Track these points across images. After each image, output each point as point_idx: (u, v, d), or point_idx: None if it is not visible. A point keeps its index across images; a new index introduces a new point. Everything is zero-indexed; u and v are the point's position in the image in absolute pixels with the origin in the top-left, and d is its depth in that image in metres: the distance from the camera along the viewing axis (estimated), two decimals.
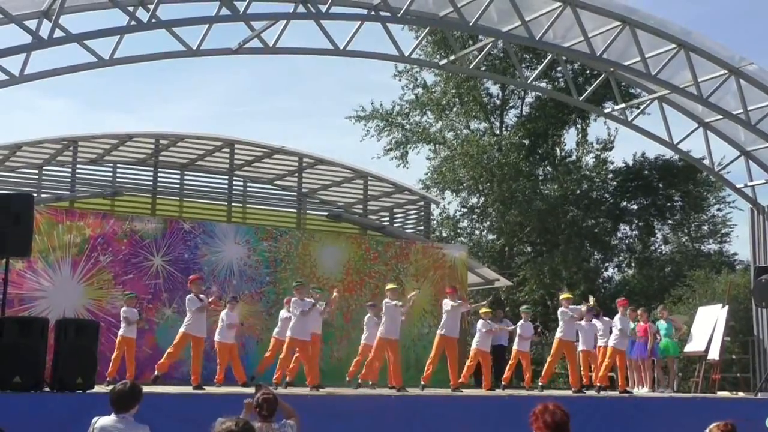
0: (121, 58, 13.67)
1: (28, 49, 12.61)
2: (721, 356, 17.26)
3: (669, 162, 33.11)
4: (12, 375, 9.92)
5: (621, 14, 15.48)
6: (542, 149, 33.91)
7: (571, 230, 32.08)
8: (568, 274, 31.52)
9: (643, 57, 15.87)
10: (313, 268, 18.68)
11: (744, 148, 18.31)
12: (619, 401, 14.35)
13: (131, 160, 20.38)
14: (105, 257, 16.74)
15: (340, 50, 15.12)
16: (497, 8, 15.20)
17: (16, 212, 11.00)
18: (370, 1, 15.00)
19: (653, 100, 18.18)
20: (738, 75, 16.30)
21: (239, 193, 21.18)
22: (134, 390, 6.27)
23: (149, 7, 13.28)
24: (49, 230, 16.25)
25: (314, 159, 21.24)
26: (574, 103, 21.74)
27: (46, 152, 19.36)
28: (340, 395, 12.85)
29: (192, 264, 17.50)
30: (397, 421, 11.82)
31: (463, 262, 20.82)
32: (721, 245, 34.73)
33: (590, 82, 26.47)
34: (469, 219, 34.35)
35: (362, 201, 22.35)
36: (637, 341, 16.98)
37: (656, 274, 33.07)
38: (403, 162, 34.47)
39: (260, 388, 7.18)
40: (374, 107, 34.17)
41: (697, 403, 14.88)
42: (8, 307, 12.52)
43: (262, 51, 14.88)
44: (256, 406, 6.77)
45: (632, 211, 34.81)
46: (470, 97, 33.52)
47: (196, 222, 18.36)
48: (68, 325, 10.91)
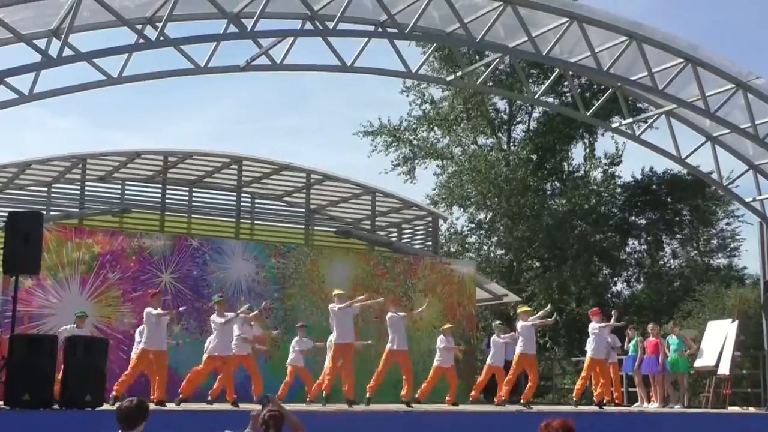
0: (129, 76, 13.72)
1: (37, 68, 12.67)
2: (732, 371, 17.17)
3: (677, 176, 33.03)
4: (21, 392, 9.93)
5: (628, 29, 15.49)
6: (550, 164, 33.89)
7: (580, 245, 32.00)
8: (576, 288, 31.45)
9: (650, 71, 15.86)
10: (322, 284, 18.68)
11: (752, 162, 18.26)
12: (629, 417, 14.28)
13: (140, 178, 20.46)
14: (114, 274, 16.78)
15: (348, 67, 15.16)
16: (504, 24, 15.23)
17: (25, 230, 11.05)
18: (376, 17, 15.06)
19: (660, 114, 18.15)
20: (746, 89, 16.27)
21: (247, 209, 21.23)
22: (141, 407, 6.26)
23: (157, 26, 13.36)
24: (58, 248, 16.30)
25: (322, 175, 21.28)
26: (582, 118, 21.74)
27: (55, 170, 19.44)
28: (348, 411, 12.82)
29: (200, 281, 17.54)
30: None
31: (471, 278, 20.80)
32: (731, 259, 34.59)
33: (597, 96, 26.45)
34: (477, 234, 34.31)
35: (370, 217, 22.37)
36: (647, 357, 16.90)
37: (665, 288, 32.92)
38: (411, 177, 34.49)
39: (267, 403, 7.06)
40: (381, 123, 34.24)
41: (708, 418, 14.80)
42: (18, 325, 12.54)
43: (269, 68, 14.92)
44: (262, 423, 6.70)
45: (641, 225, 34.71)
46: (477, 113, 33.54)
47: (205, 239, 18.41)
48: (77, 343, 10.94)
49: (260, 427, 6.69)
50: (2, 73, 12.39)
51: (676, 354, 16.57)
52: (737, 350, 17.76)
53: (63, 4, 12.93)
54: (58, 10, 13.13)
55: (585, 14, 15.17)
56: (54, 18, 13.30)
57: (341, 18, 14.07)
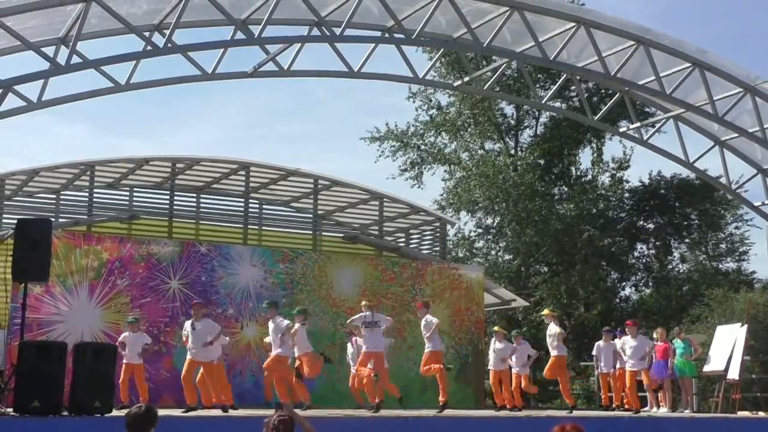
0: (137, 83, 13.77)
1: (45, 76, 12.72)
2: (741, 376, 17.09)
3: (685, 181, 32.96)
4: (31, 399, 9.94)
5: (635, 34, 15.47)
6: (557, 169, 33.86)
7: (588, 250, 31.94)
8: (584, 293, 31.38)
9: (657, 76, 15.85)
10: (330, 289, 18.69)
11: (761, 166, 18.22)
12: (638, 422, 14.21)
13: (148, 184, 20.51)
14: (122, 281, 16.80)
15: (355, 72, 15.18)
16: (510, 29, 15.23)
17: (34, 237, 11.07)
18: (383, 23, 15.08)
19: (668, 119, 18.13)
20: (754, 93, 16.25)
21: (255, 215, 21.25)
22: (149, 413, 6.25)
23: (165, 33, 13.41)
24: (66, 254, 16.33)
25: (329, 181, 21.30)
26: (589, 123, 21.72)
27: (63, 177, 19.50)
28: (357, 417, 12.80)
29: (209, 287, 17.55)
30: None
31: (479, 283, 20.77)
32: (739, 263, 34.47)
33: (605, 101, 26.45)
34: (484, 239, 34.28)
35: (378, 222, 22.37)
36: (656, 361, 16.84)
37: (674, 293, 32.83)
38: (418, 183, 34.50)
39: (278, 409, 7.05)
40: (389, 128, 34.26)
41: (718, 423, 14.74)
42: (27, 332, 12.58)
43: (276, 74, 14.95)
44: (272, 429, 6.68)
45: (649, 230, 34.64)
46: (485, 118, 33.55)
47: (213, 245, 18.43)
48: (86, 349, 10.95)
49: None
50: (11, 80, 12.45)
51: (683, 358, 16.51)
52: (747, 355, 17.70)
53: (71, 12, 12.97)
54: (66, 17, 13.18)
55: (592, 19, 15.18)
56: (62, 26, 13.35)
57: (348, 24, 14.09)
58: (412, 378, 17.28)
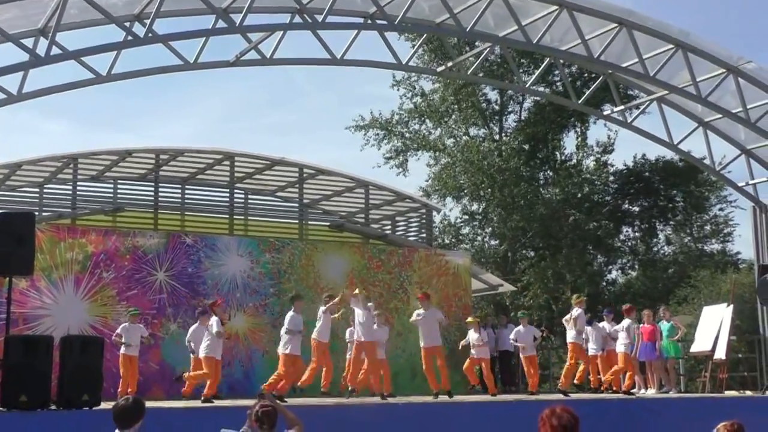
0: (118, 74, 13.66)
1: (25, 68, 12.60)
2: (728, 355, 17.19)
3: (670, 163, 33.12)
4: (18, 394, 9.88)
5: (618, 16, 15.47)
6: (542, 153, 33.93)
7: (574, 234, 32.05)
8: (571, 277, 31.49)
9: (641, 58, 15.85)
10: (317, 278, 18.66)
11: (744, 147, 18.27)
12: (627, 403, 14.29)
13: (132, 176, 20.38)
14: (108, 273, 16.72)
15: (338, 59, 15.11)
16: (493, 13, 15.20)
17: (18, 231, 10.97)
18: (366, 10, 15.01)
19: (652, 101, 18.16)
20: (737, 73, 16.28)
21: (240, 205, 21.17)
22: (137, 405, 6.22)
23: (145, 22, 13.29)
24: (51, 248, 16.23)
25: (315, 169, 21.23)
26: (573, 107, 21.74)
27: (46, 170, 19.35)
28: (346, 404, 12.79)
29: (195, 278, 17.49)
30: (408, 429, 11.77)
31: (466, 269, 20.80)
32: (724, 245, 34.73)
33: (588, 84, 26.47)
34: (471, 225, 34.34)
35: (364, 210, 22.33)
36: (643, 343, 16.90)
37: (660, 275, 33.03)
38: (404, 170, 34.54)
39: (260, 399, 7.03)
40: (373, 116, 34.22)
41: (705, 403, 14.80)
42: (13, 327, 12.49)
43: (259, 63, 14.86)
44: (255, 420, 6.65)
45: (634, 213, 34.81)
46: (469, 104, 33.57)
47: (199, 236, 18.35)
48: (73, 343, 10.89)
49: (254, 423, 6.65)
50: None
51: (668, 340, 16.59)
52: (733, 334, 17.79)
53: (49, 3, 12.86)
54: (44, 8, 13.06)
55: (575, 2, 15.14)
56: (41, 17, 13.23)
57: (330, 11, 14.01)
58: (402, 365, 17.30)
